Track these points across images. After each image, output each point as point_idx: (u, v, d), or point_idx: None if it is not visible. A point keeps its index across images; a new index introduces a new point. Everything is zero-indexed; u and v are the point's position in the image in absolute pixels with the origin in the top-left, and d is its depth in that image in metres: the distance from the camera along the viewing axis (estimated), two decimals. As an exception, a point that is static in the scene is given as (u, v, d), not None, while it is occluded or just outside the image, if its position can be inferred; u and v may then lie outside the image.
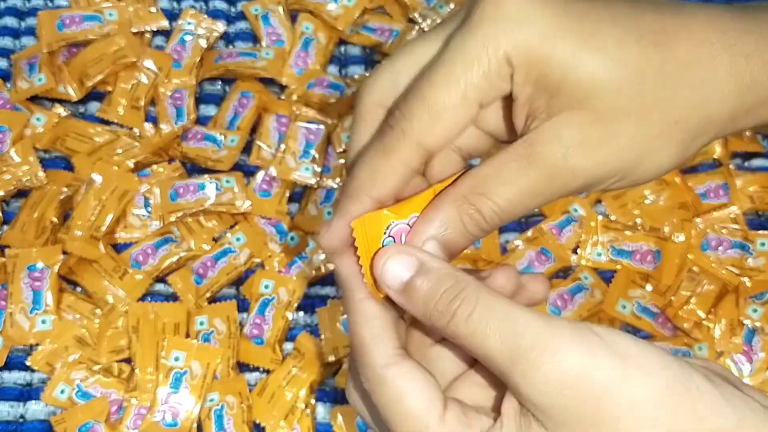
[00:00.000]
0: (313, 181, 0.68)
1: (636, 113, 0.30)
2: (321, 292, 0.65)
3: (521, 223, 0.69)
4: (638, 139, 0.31)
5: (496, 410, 0.31)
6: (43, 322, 0.62)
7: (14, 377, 0.62)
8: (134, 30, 0.75)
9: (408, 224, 0.32)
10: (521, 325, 0.28)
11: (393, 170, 0.31)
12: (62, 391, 0.60)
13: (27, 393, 0.61)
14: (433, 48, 0.32)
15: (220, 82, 0.75)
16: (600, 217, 0.67)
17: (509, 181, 0.31)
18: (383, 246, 0.32)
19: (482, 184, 0.31)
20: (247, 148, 0.71)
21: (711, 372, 0.30)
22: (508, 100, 0.32)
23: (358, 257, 0.32)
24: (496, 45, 0.30)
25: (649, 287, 0.65)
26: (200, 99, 0.74)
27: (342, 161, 0.70)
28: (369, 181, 0.32)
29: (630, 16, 0.31)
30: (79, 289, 0.65)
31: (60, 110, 0.71)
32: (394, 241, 0.32)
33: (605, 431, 0.27)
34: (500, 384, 0.31)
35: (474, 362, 0.34)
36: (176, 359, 0.60)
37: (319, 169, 0.68)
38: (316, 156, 0.68)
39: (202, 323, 0.63)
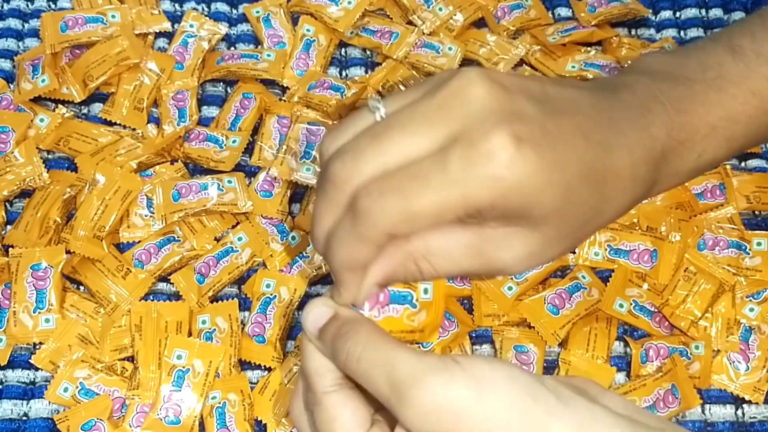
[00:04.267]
0: (314, 181, 0.69)
1: (562, 239, 0.36)
2: (322, 291, 0.66)
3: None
4: (557, 251, 0.37)
5: None
6: (47, 320, 0.63)
7: (18, 376, 0.62)
8: (137, 32, 0.75)
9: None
10: (398, 363, 0.33)
11: (368, 250, 0.35)
12: (65, 390, 0.61)
13: (30, 391, 0.62)
14: (422, 144, 0.34)
15: (221, 84, 0.76)
16: (598, 217, 0.67)
17: (453, 260, 0.36)
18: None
19: (431, 252, 0.36)
20: (248, 149, 0.71)
21: (563, 385, 0.34)
22: None
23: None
24: (492, 187, 0.33)
25: (646, 286, 0.65)
26: (202, 100, 0.75)
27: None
28: (349, 260, 0.35)
29: (574, 141, 0.35)
30: (82, 288, 0.66)
31: (63, 111, 0.72)
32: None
33: None
34: None
35: None
36: (178, 357, 0.61)
37: (320, 170, 0.69)
38: (317, 157, 0.69)
39: (204, 322, 0.63)
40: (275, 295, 0.64)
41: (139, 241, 0.67)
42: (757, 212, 0.70)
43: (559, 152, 0.34)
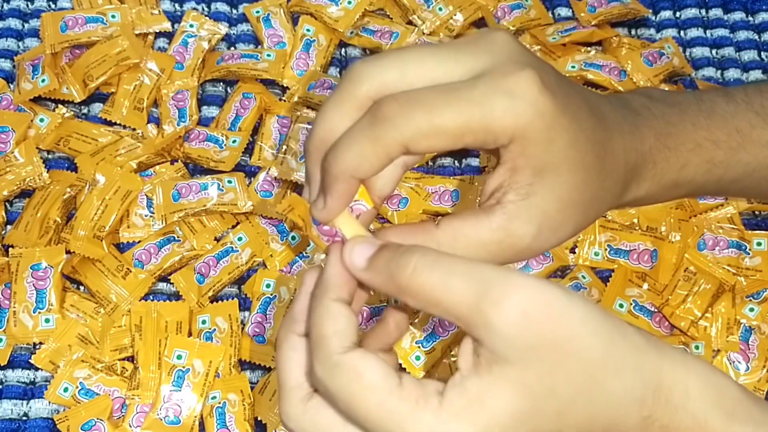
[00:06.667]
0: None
1: (580, 209, 0.36)
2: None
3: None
4: (571, 223, 0.36)
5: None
6: (47, 320, 0.63)
7: (18, 375, 0.62)
8: (137, 32, 0.75)
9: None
10: (481, 269, 0.31)
11: (378, 159, 0.34)
12: (65, 390, 0.61)
13: (30, 391, 0.62)
14: (449, 70, 0.35)
15: (221, 84, 0.76)
16: (598, 217, 0.67)
17: (475, 240, 0.35)
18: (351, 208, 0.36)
19: (455, 228, 0.35)
20: (248, 149, 0.71)
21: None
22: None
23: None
24: (515, 116, 0.34)
25: (646, 286, 0.65)
26: (202, 100, 0.75)
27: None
28: (354, 165, 0.34)
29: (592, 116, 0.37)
30: (82, 288, 0.66)
31: (63, 111, 0.72)
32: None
33: (559, 351, 0.31)
34: None
35: None
36: (178, 357, 0.61)
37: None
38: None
39: (204, 322, 0.63)
40: (275, 295, 0.64)
41: (139, 241, 0.67)
42: (757, 212, 0.70)
43: (570, 107, 0.36)
